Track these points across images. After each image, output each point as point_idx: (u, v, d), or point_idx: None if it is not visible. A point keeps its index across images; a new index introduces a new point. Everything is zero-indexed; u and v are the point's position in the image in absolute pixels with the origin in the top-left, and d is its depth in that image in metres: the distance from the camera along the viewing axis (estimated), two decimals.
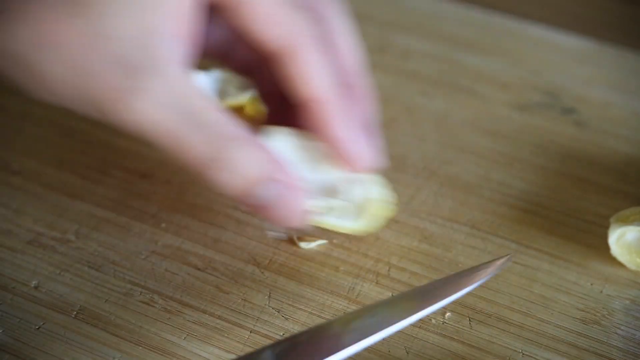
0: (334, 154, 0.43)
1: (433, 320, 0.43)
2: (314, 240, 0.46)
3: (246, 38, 0.41)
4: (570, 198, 0.50)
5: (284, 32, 0.41)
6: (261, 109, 0.47)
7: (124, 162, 0.51)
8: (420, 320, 0.43)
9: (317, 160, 0.43)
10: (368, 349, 0.42)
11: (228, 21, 0.41)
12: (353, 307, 0.44)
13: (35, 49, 0.40)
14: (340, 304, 0.44)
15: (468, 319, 0.44)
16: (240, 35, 0.42)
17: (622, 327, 0.43)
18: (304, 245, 0.46)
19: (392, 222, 0.48)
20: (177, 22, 0.39)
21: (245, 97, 0.45)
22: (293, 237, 0.47)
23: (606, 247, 0.46)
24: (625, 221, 0.45)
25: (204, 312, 0.44)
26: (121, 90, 0.39)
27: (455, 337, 0.43)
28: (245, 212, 0.48)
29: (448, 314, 0.44)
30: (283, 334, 0.43)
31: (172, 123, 0.39)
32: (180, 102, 0.39)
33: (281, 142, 0.43)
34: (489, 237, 0.48)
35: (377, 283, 0.45)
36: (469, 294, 0.44)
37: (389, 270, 0.46)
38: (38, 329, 0.42)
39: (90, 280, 0.45)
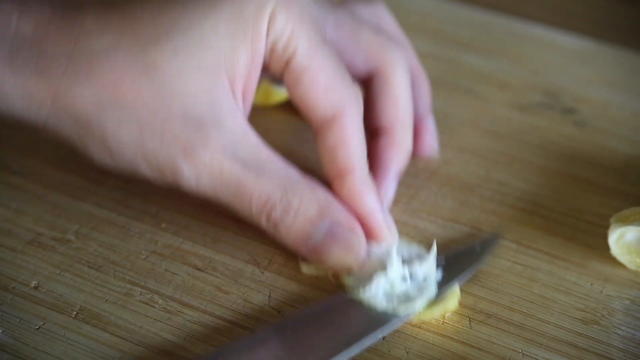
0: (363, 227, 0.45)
1: (433, 320, 0.43)
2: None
3: (299, 103, 0.45)
4: (570, 198, 0.50)
5: (335, 102, 0.44)
6: (274, 94, 0.53)
7: None
8: (420, 320, 0.43)
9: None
10: (368, 349, 0.42)
11: (287, 86, 0.45)
12: None
13: (101, 109, 0.42)
14: None
15: (468, 319, 0.44)
16: (294, 98, 0.45)
17: (622, 327, 0.43)
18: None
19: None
20: (234, 82, 0.43)
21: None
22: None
23: (606, 247, 0.46)
24: (625, 221, 0.45)
25: (204, 312, 0.44)
26: (191, 144, 0.42)
27: (455, 337, 0.43)
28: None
29: (448, 314, 0.44)
30: None
31: (237, 172, 0.42)
32: (243, 154, 0.42)
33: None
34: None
35: None
36: (469, 294, 0.45)
37: None
38: (38, 329, 0.42)
39: (90, 280, 0.45)
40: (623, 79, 0.59)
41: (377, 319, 0.42)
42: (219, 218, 0.48)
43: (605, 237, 0.46)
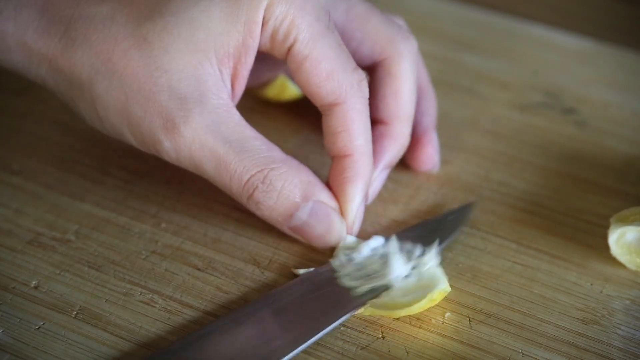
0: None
1: (433, 320, 0.43)
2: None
3: (302, 88, 0.45)
4: (570, 198, 0.50)
5: (336, 90, 0.44)
6: (289, 90, 0.52)
7: (124, 162, 0.51)
8: (420, 320, 0.43)
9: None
10: (368, 349, 0.42)
11: (290, 72, 0.46)
12: None
13: (94, 75, 0.43)
14: None
15: (468, 319, 0.44)
16: (297, 83, 0.45)
17: (622, 327, 0.43)
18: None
19: (392, 223, 0.48)
20: (223, 62, 0.44)
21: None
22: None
23: (606, 247, 0.46)
24: (625, 221, 0.45)
25: (204, 312, 0.44)
26: (173, 121, 0.42)
27: (455, 337, 0.43)
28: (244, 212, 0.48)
29: (448, 313, 0.44)
30: None
31: (218, 149, 0.43)
32: (225, 132, 0.43)
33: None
34: (489, 237, 0.48)
35: None
36: (469, 294, 0.45)
37: None
38: (38, 329, 0.42)
39: (90, 280, 0.45)
40: (623, 79, 0.59)
41: (345, 301, 0.43)
42: (219, 218, 0.48)
43: (605, 237, 0.46)
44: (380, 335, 0.43)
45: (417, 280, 0.44)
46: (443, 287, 0.43)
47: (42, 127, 0.53)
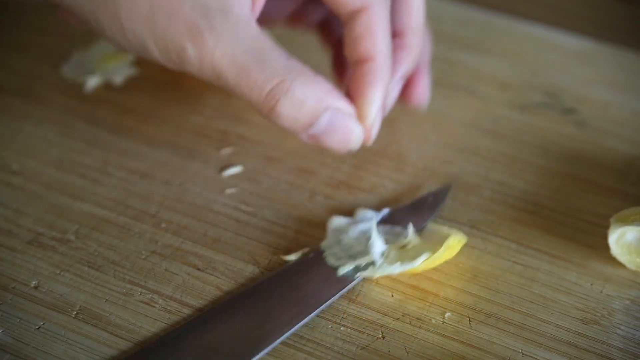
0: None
1: (433, 320, 0.43)
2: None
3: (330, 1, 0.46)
4: (570, 198, 0.50)
5: None
6: None
7: (124, 162, 0.51)
8: (420, 320, 0.43)
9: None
10: (368, 349, 0.42)
11: None
12: (353, 307, 0.44)
13: None
14: (340, 304, 0.44)
15: (468, 319, 0.44)
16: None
17: (622, 327, 0.44)
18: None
19: None
20: None
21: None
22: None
23: (606, 247, 0.46)
24: (625, 221, 0.45)
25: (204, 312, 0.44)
26: (197, 28, 0.43)
27: (455, 337, 0.43)
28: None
29: (448, 313, 0.44)
30: None
31: (239, 57, 0.43)
32: (246, 41, 0.43)
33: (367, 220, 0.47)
34: (489, 237, 0.48)
35: (377, 283, 0.45)
36: (469, 294, 0.45)
37: None
38: (38, 329, 0.42)
39: (90, 280, 0.45)
40: (623, 79, 0.59)
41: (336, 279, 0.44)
42: (219, 218, 0.48)
43: (605, 237, 0.46)
44: (380, 335, 0.43)
45: (430, 238, 0.45)
46: (459, 236, 0.44)
47: (42, 128, 0.53)
